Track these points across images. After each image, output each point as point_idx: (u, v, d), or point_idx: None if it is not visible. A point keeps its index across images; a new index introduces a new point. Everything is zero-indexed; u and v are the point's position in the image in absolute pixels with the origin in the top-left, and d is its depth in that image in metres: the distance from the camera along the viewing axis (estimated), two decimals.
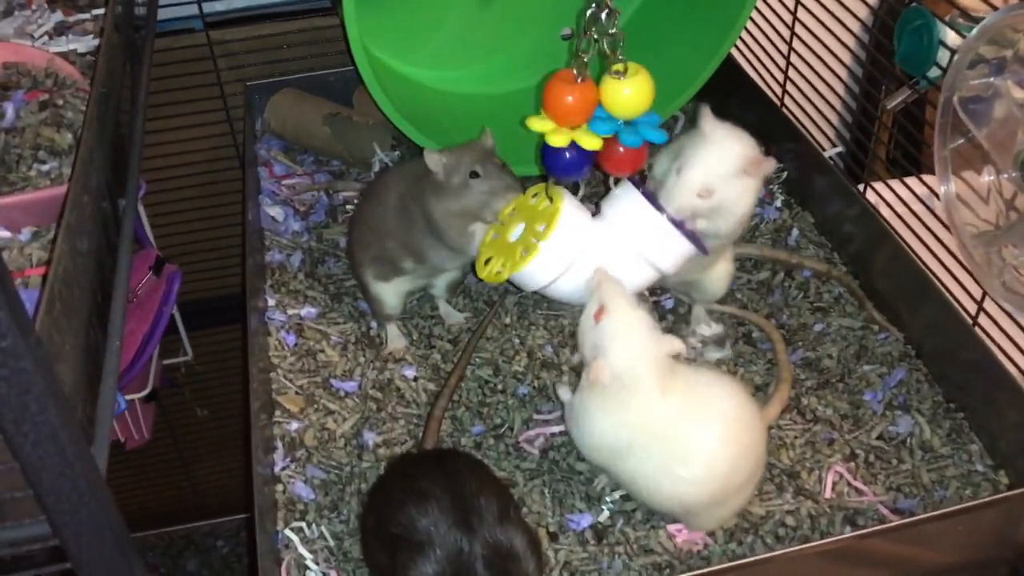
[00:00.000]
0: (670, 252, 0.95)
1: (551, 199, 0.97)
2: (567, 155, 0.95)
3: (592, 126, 0.94)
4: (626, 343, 0.85)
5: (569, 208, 0.95)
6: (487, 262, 0.98)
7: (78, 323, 0.65)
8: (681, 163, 0.96)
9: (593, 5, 0.90)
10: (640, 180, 0.99)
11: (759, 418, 0.90)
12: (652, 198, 0.96)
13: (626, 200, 0.96)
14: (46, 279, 0.61)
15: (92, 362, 0.68)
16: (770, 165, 0.96)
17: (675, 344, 0.87)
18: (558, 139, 0.94)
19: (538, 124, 0.95)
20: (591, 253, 0.95)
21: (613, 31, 0.90)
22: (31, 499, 0.51)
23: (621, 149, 0.96)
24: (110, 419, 0.61)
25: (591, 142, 0.94)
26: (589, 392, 0.87)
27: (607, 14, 0.90)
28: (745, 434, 0.87)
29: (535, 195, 0.99)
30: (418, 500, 0.78)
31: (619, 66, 0.91)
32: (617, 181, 0.99)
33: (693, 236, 0.96)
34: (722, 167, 0.95)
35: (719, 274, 1.08)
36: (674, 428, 0.85)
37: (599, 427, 0.87)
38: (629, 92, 0.92)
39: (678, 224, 0.95)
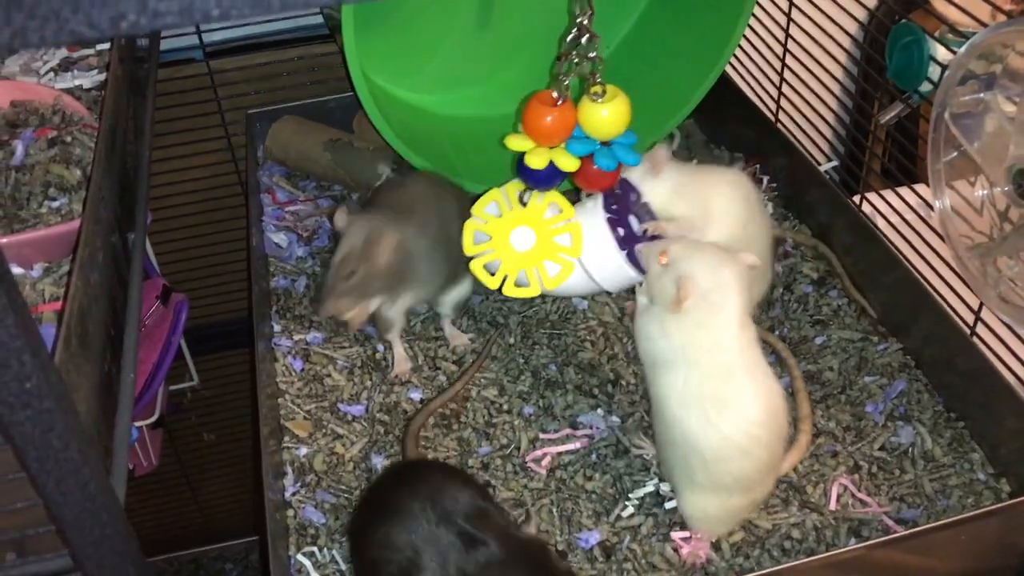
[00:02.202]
0: (616, 278, 1.03)
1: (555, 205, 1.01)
2: (543, 169, 0.97)
3: (569, 147, 0.97)
4: (705, 257, 0.88)
5: (590, 220, 1.01)
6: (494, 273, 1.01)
7: (93, 357, 0.67)
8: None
9: (575, 30, 0.92)
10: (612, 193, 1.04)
11: (784, 440, 0.90)
12: (622, 211, 1.02)
13: (591, 219, 1.02)
14: (61, 316, 0.62)
15: (107, 395, 0.70)
16: (663, 152, 1.04)
17: (748, 257, 0.90)
18: (536, 160, 0.96)
19: (517, 143, 0.98)
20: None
21: (593, 55, 0.93)
22: (53, 533, 0.52)
23: (594, 168, 0.99)
24: (127, 451, 0.63)
25: (568, 163, 0.96)
26: (666, 313, 0.88)
27: (588, 39, 0.92)
28: (775, 426, 0.87)
29: (523, 192, 1.02)
30: (391, 518, 0.81)
31: (597, 88, 0.94)
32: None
33: (635, 258, 1.00)
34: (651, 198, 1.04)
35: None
36: (734, 363, 0.86)
37: (671, 343, 0.88)
38: (606, 114, 0.95)
39: (636, 239, 1.01)
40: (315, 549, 0.93)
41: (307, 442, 1.03)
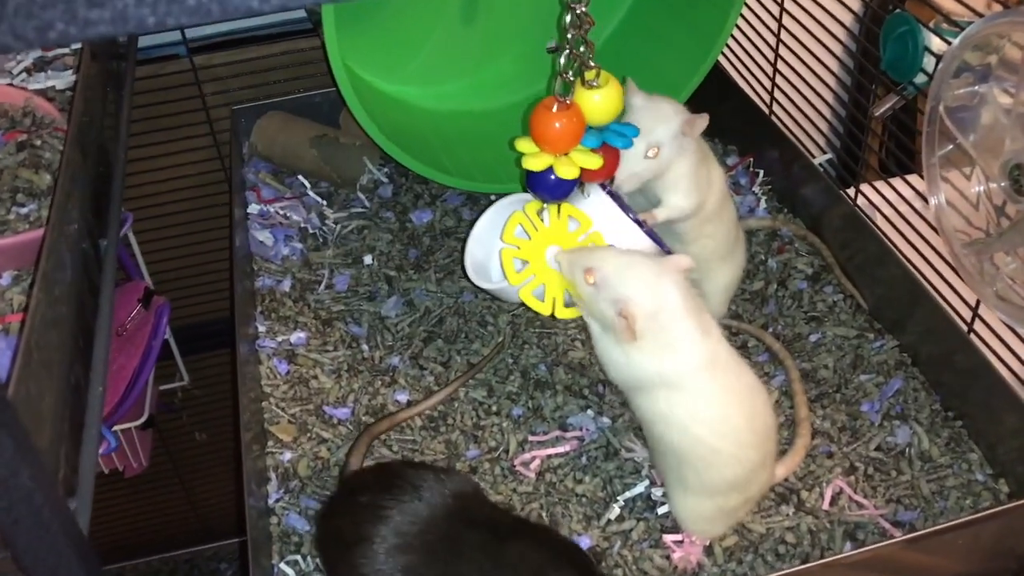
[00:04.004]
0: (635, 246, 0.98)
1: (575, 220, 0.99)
2: (552, 177, 0.93)
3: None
4: (637, 273, 0.82)
5: (600, 209, 0.99)
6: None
7: (59, 370, 0.65)
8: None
9: (572, 19, 0.88)
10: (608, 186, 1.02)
11: (774, 437, 0.89)
12: (619, 200, 1.01)
13: (596, 203, 1.00)
14: (23, 327, 0.60)
15: (76, 406, 0.67)
16: (703, 122, 1.00)
17: (680, 259, 0.84)
18: (562, 167, 0.92)
19: (526, 146, 0.94)
20: None
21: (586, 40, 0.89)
22: (9, 559, 0.50)
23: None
24: (93, 465, 0.61)
25: (569, 171, 0.92)
26: (629, 346, 0.82)
27: (585, 26, 0.88)
28: (761, 426, 0.85)
29: (540, 211, 0.98)
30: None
31: (591, 74, 0.91)
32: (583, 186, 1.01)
33: (653, 234, 1.00)
34: (661, 127, 0.99)
35: (717, 286, 1.09)
36: (708, 384, 0.83)
37: (637, 367, 0.84)
38: (598, 99, 0.93)
39: (641, 224, 0.99)
40: (298, 557, 0.91)
41: (291, 447, 1.01)
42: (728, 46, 1.39)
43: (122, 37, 1.14)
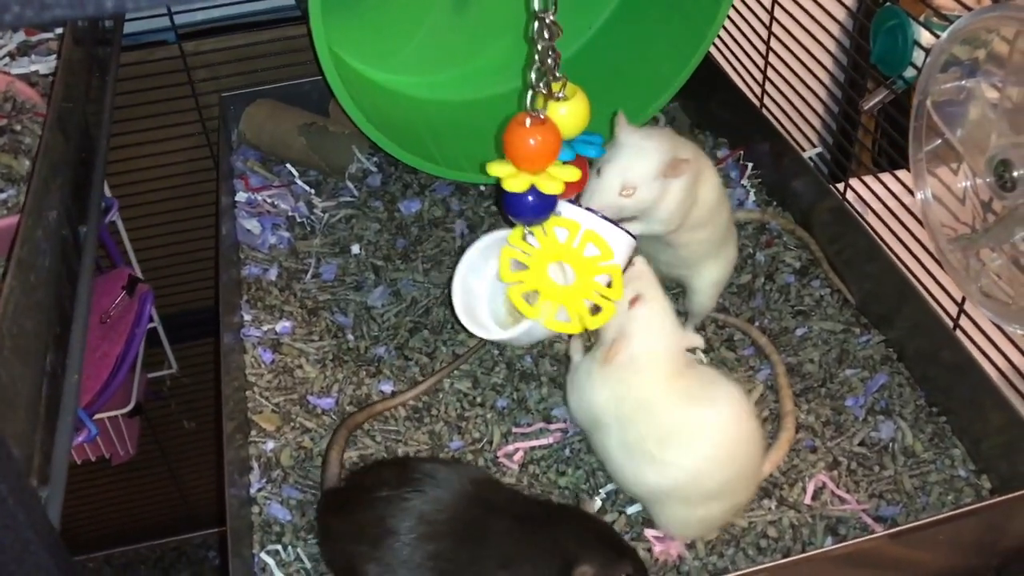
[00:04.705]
0: (617, 249, 0.97)
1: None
2: (531, 198, 0.89)
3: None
4: (651, 332, 0.90)
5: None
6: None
7: (34, 358, 0.64)
8: (601, 164, 0.99)
9: (542, 30, 0.82)
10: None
11: (757, 442, 0.89)
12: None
13: (568, 212, 0.97)
14: None
15: (52, 394, 0.67)
16: (687, 167, 0.97)
17: (694, 339, 0.92)
18: (516, 183, 0.88)
19: (500, 169, 0.89)
20: None
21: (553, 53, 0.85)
22: None
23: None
24: (66, 457, 0.60)
25: (553, 186, 0.88)
26: (597, 364, 0.91)
27: (553, 36, 0.83)
28: (731, 445, 0.86)
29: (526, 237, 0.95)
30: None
31: (557, 85, 0.89)
32: None
33: (625, 229, 0.99)
34: (640, 167, 0.97)
35: (706, 282, 1.08)
36: (664, 411, 0.87)
37: (596, 397, 0.91)
38: (565, 112, 0.91)
39: (615, 223, 0.98)
40: (279, 547, 0.91)
41: (274, 436, 1.01)
42: (719, 38, 1.39)
43: (107, 22, 1.13)
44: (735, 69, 1.39)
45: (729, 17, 1.29)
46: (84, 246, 0.77)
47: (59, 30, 1.06)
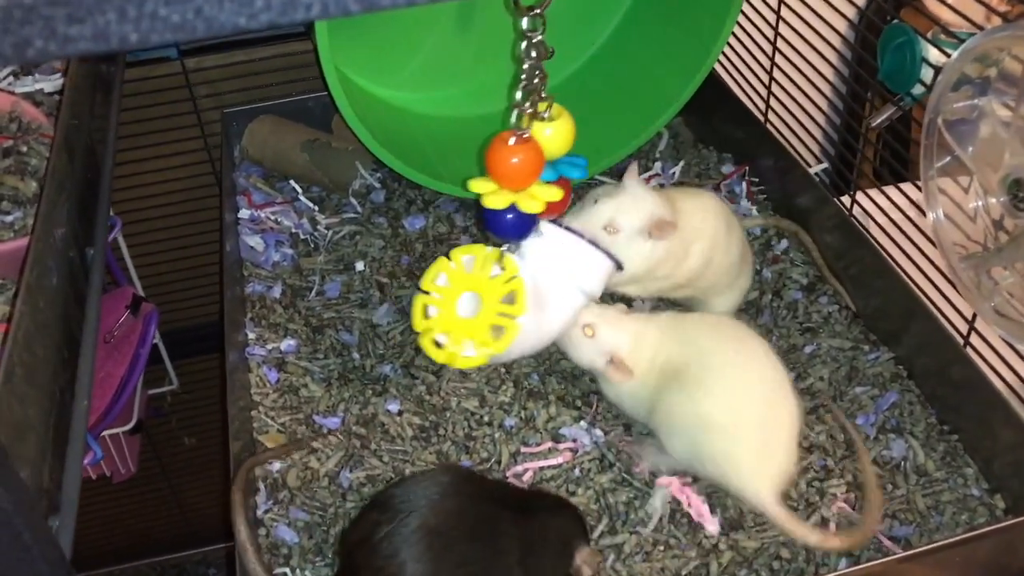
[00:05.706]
0: (595, 271, 0.98)
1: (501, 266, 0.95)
2: (510, 216, 0.90)
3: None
4: (625, 336, 0.96)
5: (556, 238, 0.96)
6: (435, 343, 0.94)
7: (43, 383, 0.63)
8: (599, 195, 1.01)
9: (529, 51, 0.83)
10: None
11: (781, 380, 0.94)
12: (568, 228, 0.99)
13: (551, 234, 0.97)
14: (6, 340, 0.59)
15: (61, 420, 0.66)
16: (672, 229, 0.98)
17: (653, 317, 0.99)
18: (496, 200, 0.88)
19: (481, 186, 0.90)
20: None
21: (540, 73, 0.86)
22: None
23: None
24: (77, 485, 0.59)
25: (533, 205, 0.89)
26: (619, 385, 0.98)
27: (540, 56, 0.84)
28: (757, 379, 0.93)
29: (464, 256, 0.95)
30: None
31: (543, 106, 0.90)
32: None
33: (609, 253, 0.99)
34: (632, 214, 0.99)
35: (719, 310, 1.09)
36: (691, 375, 0.92)
37: (637, 398, 0.98)
38: (550, 133, 0.91)
39: (596, 245, 0.98)
40: (287, 570, 0.90)
41: (281, 457, 1.00)
42: (724, 54, 1.38)
43: None
44: (739, 84, 1.39)
45: (733, 33, 1.29)
46: (91, 267, 0.77)
47: None
